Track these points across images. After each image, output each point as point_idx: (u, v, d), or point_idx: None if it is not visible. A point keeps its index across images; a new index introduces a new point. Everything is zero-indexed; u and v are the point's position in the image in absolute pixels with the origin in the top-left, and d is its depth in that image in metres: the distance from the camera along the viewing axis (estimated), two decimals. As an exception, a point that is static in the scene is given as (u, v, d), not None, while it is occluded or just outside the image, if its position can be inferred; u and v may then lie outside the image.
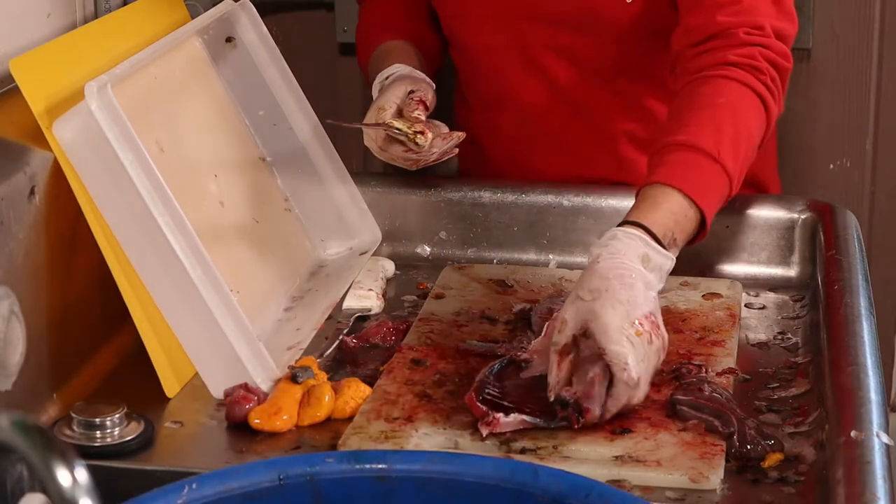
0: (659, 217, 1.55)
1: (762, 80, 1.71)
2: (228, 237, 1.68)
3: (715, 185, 1.62)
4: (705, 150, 1.62)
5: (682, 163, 1.62)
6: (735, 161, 1.64)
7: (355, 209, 1.85)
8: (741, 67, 1.71)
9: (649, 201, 1.57)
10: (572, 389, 1.42)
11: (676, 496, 1.33)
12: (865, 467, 1.28)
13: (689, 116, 1.66)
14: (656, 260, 1.50)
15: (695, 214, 1.59)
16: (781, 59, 1.74)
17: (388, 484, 1.15)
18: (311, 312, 1.69)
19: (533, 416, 1.42)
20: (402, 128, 1.71)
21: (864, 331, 1.54)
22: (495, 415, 1.41)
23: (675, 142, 1.63)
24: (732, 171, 1.63)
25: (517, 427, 1.41)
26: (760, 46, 1.72)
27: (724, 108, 1.67)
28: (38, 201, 1.46)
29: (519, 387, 1.47)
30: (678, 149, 1.63)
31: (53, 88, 1.49)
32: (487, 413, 1.41)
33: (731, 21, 1.73)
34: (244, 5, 1.78)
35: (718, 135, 1.63)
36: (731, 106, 1.68)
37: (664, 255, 1.52)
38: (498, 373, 1.48)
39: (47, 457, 0.96)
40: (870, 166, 2.58)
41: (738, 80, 1.70)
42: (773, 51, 1.73)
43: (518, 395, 1.45)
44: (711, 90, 1.69)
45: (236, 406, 1.46)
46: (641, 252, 1.50)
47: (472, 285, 1.77)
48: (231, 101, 1.79)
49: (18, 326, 1.41)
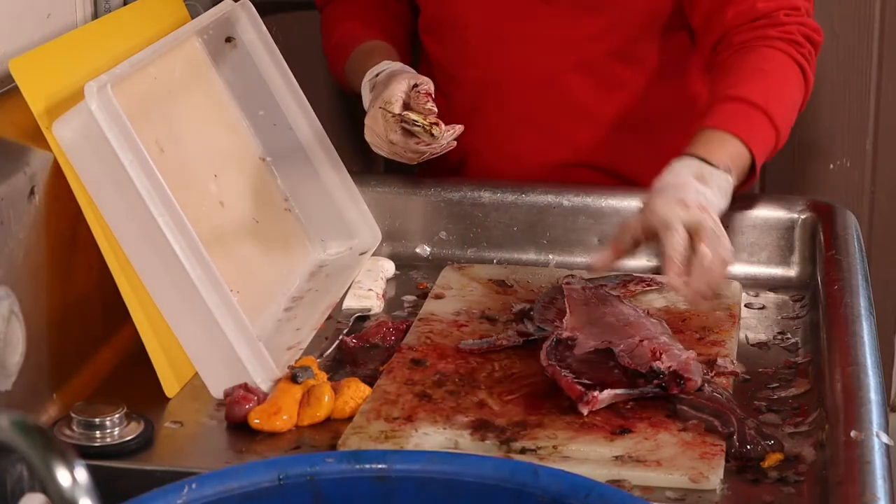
0: (713, 149, 1.67)
1: (802, 53, 1.84)
2: (228, 237, 1.68)
3: (764, 134, 1.75)
4: (756, 102, 1.75)
5: (734, 111, 1.75)
6: (781, 117, 1.77)
7: (355, 209, 1.85)
8: (783, 41, 1.84)
9: (703, 140, 1.70)
10: (665, 364, 1.47)
11: (676, 496, 1.33)
12: (865, 467, 1.28)
13: (738, 76, 1.80)
14: (712, 177, 1.63)
15: (747, 155, 1.71)
16: (815, 35, 1.87)
17: (388, 484, 1.15)
18: (311, 312, 1.69)
19: (623, 387, 1.47)
20: (418, 119, 1.71)
21: (864, 331, 1.54)
22: (592, 393, 1.44)
23: (727, 95, 1.76)
24: (780, 125, 1.77)
25: (612, 401, 1.46)
26: (798, 24, 1.85)
27: (770, 72, 1.81)
28: (38, 201, 1.46)
29: (582, 362, 1.51)
30: (730, 101, 1.76)
31: (53, 88, 1.49)
32: (585, 393, 1.44)
33: (770, 6, 1.86)
34: (244, 5, 1.78)
35: (767, 92, 1.77)
36: (777, 71, 1.82)
37: (720, 174, 1.64)
38: (554, 353, 1.52)
39: (47, 457, 0.96)
40: (870, 166, 2.58)
41: (781, 50, 1.83)
42: (809, 28, 1.86)
43: (589, 371, 1.49)
44: (758, 57, 1.83)
45: (236, 406, 1.46)
46: (696, 171, 1.63)
47: (472, 285, 1.77)
48: (231, 101, 1.79)
49: (18, 326, 1.41)
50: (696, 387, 1.46)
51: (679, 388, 1.45)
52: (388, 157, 1.77)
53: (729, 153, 1.68)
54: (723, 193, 1.64)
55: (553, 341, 1.55)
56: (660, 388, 1.46)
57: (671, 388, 1.46)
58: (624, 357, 1.50)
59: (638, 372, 1.48)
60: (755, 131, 1.74)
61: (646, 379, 1.47)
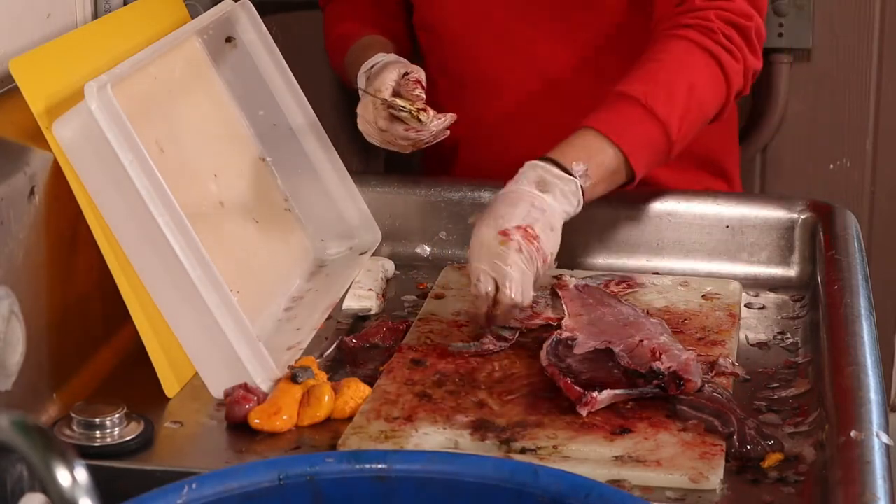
0: (567, 150, 1.65)
1: (714, 39, 1.77)
2: (228, 237, 1.68)
3: (638, 127, 1.69)
4: (631, 94, 1.70)
5: (605, 107, 1.70)
6: (668, 106, 1.70)
7: (355, 209, 1.85)
8: (692, 28, 1.78)
9: (567, 141, 1.68)
10: (665, 364, 1.47)
11: (676, 496, 1.33)
12: (865, 467, 1.28)
13: (629, 71, 1.75)
14: (553, 182, 1.62)
15: (614, 151, 1.67)
16: (740, 18, 1.80)
17: (388, 484, 1.15)
18: (311, 312, 1.69)
19: (622, 388, 1.47)
20: (404, 105, 1.71)
21: (864, 331, 1.54)
22: (591, 394, 1.44)
23: (611, 91, 1.72)
24: (664, 115, 1.70)
25: (611, 402, 1.45)
26: (717, 9, 1.79)
27: (664, 61, 1.75)
28: (38, 201, 1.46)
29: (582, 363, 1.51)
30: (606, 96, 1.72)
31: (53, 88, 1.49)
32: (584, 394, 1.44)
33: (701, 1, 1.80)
34: (244, 5, 1.78)
35: (651, 82, 1.71)
36: (672, 59, 1.76)
37: (563, 177, 1.63)
38: (554, 353, 1.53)
39: (47, 457, 0.96)
40: (870, 166, 2.58)
41: (686, 37, 1.77)
42: (732, 11, 1.80)
43: (588, 371, 1.49)
44: (657, 47, 1.78)
45: (236, 406, 1.46)
46: (536, 177, 1.62)
47: (472, 285, 1.77)
48: (231, 101, 1.79)
49: (18, 326, 1.40)
50: (695, 388, 1.46)
51: (678, 389, 1.45)
52: (380, 145, 1.76)
53: (589, 152, 1.66)
54: (567, 197, 1.63)
55: (553, 341, 1.55)
56: (659, 389, 1.46)
57: (671, 389, 1.46)
58: (623, 357, 1.51)
59: (638, 372, 1.48)
60: (627, 126, 1.69)
61: (645, 379, 1.47)
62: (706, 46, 1.76)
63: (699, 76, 1.76)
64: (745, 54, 1.80)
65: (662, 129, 1.71)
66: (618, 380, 1.48)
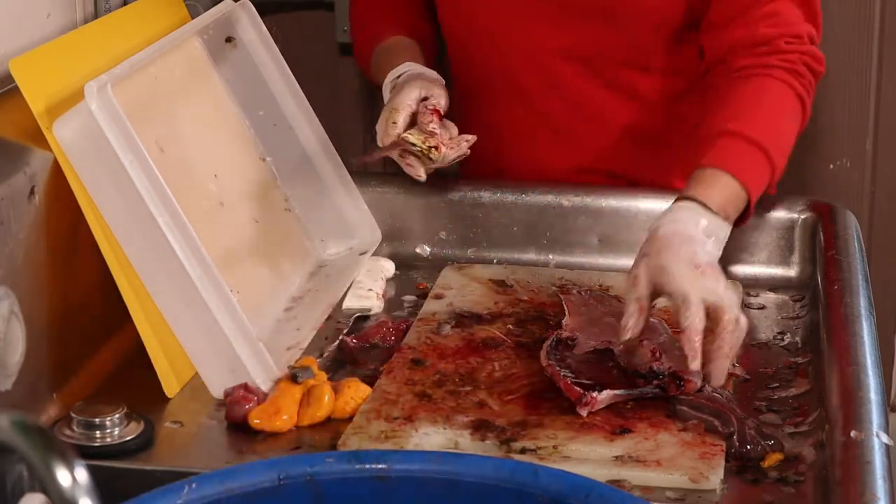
0: (713, 194, 1.65)
1: (802, 84, 1.82)
2: (228, 237, 1.68)
3: (761, 172, 1.73)
4: (754, 139, 1.72)
5: (734, 149, 1.72)
6: (778, 153, 1.75)
7: (355, 209, 1.85)
8: (784, 70, 1.81)
9: (704, 182, 1.67)
10: (665, 365, 1.48)
11: (676, 496, 1.33)
12: (865, 467, 1.28)
13: (737, 108, 1.78)
14: (713, 227, 1.61)
15: (744, 196, 1.69)
16: (817, 65, 1.86)
17: (388, 484, 1.15)
18: (311, 312, 1.69)
19: (622, 388, 1.47)
20: (416, 143, 1.71)
21: (864, 331, 1.54)
22: (591, 395, 1.44)
23: (726, 129, 1.73)
24: (776, 161, 1.74)
25: (611, 402, 1.46)
26: (800, 53, 1.83)
27: (769, 105, 1.79)
28: (38, 201, 1.46)
29: (581, 363, 1.52)
30: (730, 136, 1.73)
31: (53, 88, 1.49)
32: (584, 394, 1.45)
33: (773, 32, 1.83)
34: (244, 5, 1.78)
35: (766, 128, 1.75)
36: (776, 104, 1.80)
37: (721, 224, 1.63)
38: (555, 353, 1.53)
39: (47, 457, 0.96)
40: (870, 166, 2.58)
41: (781, 80, 1.81)
42: (811, 56, 1.85)
43: (588, 372, 1.50)
44: (757, 87, 1.80)
45: (236, 406, 1.46)
46: (699, 220, 1.60)
47: (472, 285, 1.77)
48: (231, 101, 1.79)
49: (18, 326, 1.41)
50: (695, 388, 1.46)
51: (678, 390, 1.46)
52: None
53: (727, 196, 1.66)
54: (720, 244, 1.63)
55: (553, 341, 1.55)
56: (659, 389, 1.46)
57: (670, 390, 1.46)
58: (623, 357, 1.51)
59: (638, 372, 1.48)
60: (753, 170, 1.71)
61: (645, 379, 1.47)
62: (796, 90, 1.81)
63: (792, 120, 1.81)
64: (812, 97, 1.86)
65: (773, 174, 1.75)
66: (617, 380, 1.48)
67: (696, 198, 1.63)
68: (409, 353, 1.58)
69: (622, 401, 1.46)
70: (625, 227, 1.86)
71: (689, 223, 1.59)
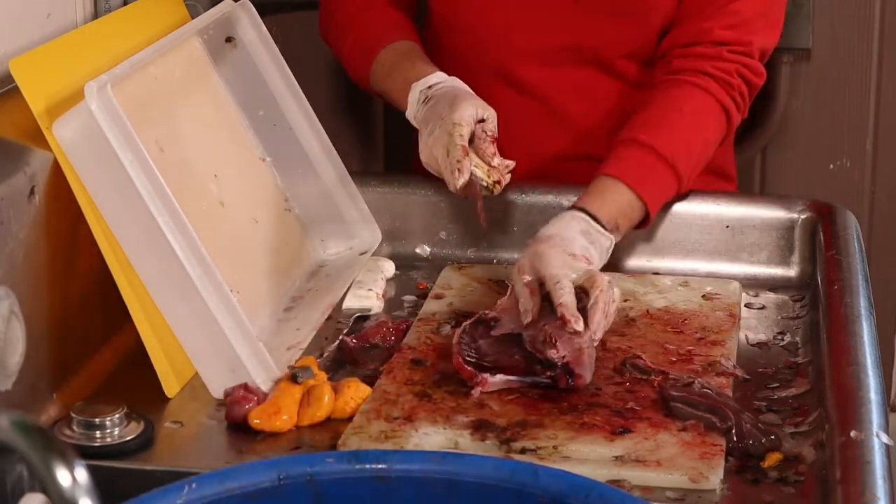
0: (604, 206, 1.70)
1: (731, 95, 1.85)
2: (228, 237, 1.68)
3: (663, 184, 1.77)
4: (661, 152, 1.76)
5: (636, 160, 1.76)
6: (687, 163, 1.78)
7: (355, 209, 1.85)
8: (715, 79, 1.84)
9: (598, 191, 1.73)
10: (560, 353, 1.48)
11: (676, 496, 1.33)
12: (865, 467, 1.28)
13: (653, 116, 1.81)
14: (596, 237, 1.66)
15: (640, 206, 1.74)
16: (754, 76, 1.87)
17: (388, 484, 1.15)
18: (311, 312, 1.69)
19: (517, 375, 1.49)
20: (483, 178, 1.71)
21: (864, 331, 1.54)
22: (483, 375, 1.47)
23: (634, 138, 1.77)
24: (683, 172, 1.78)
25: (503, 386, 1.49)
26: (738, 64, 1.85)
27: (688, 115, 1.82)
28: (38, 201, 1.46)
29: (492, 345, 1.53)
30: (635, 146, 1.77)
31: (53, 88, 1.49)
32: (475, 374, 1.48)
33: (723, 35, 1.85)
34: (244, 5, 1.78)
35: (675, 139, 1.78)
36: (695, 113, 1.82)
37: (604, 234, 1.68)
38: (469, 332, 1.54)
39: (47, 457, 0.96)
40: (870, 166, 2.58)
41: (708, 90, 1.83)
42: (750, 68, 1.87)
43: (494, 354, 1.52)
44: (681, 95, 1.83)
45: (236, 406, 1.46)
46: (582, 227, 1.66)
47: (472, 285, 1.77)
48: (231, 101, 1.79)
49: (18, 326, 1.41)
50: (585, 384, 1.48)
51: (567, 384, 1.47)
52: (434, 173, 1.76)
53: (620, 207, 1.71)
54: (603, 253, 1.67)
55: (474, 321, 1.57)
56: (550, 380, 1.48)
57: (561, 382, 1.48)
58: (529, 343, 1.51)
59: (538, 358, 1.50)
60: (654, 182, 1.75)
61: (542, 366, 1.49)
62: (723, 102, 1.83)
63: (712, 132, 1.84)
64: (745, 108, 1.89)
65: (679, 184, 1.79)
66: (520, 365, 1.50)
67: (585, 208, 1.69)
68: (409, 353, 1.58)
69: (515, 386, 1.49)
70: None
71: (571, 228, 1.65)
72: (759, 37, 1.87)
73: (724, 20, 1.85)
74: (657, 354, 1.57)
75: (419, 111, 1.79)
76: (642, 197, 1.73)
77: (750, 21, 1.86)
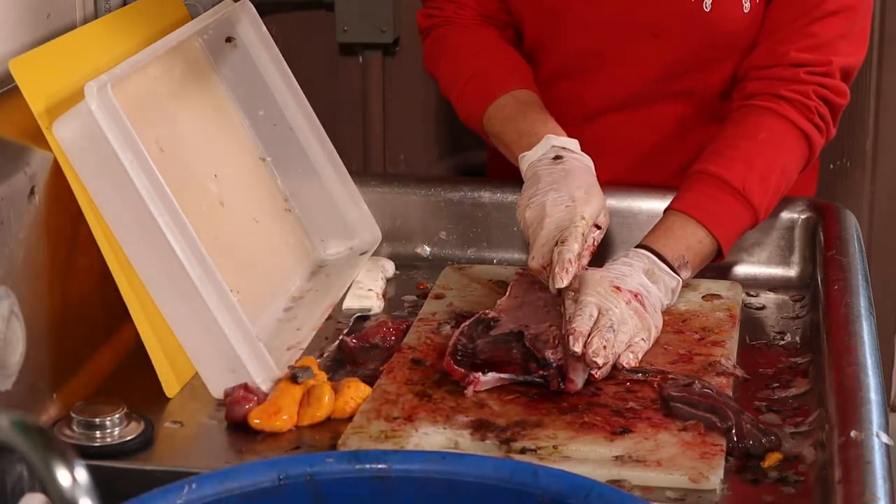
0: (670, 243, 1.67)
1: (808, 118, 1.79)
2: (228, 237, 1.68)
3: (735, 217, 1.72)
4: (731, 183, 1.71)
5: (706, 194, 1.72)
6: (762, 194, 1.73)
7: (355, 209, 1.85)
8: (790, 103, 1.78)
9: (664, 228, 1.70)
10: (558, 355, 1.49)
11: (676, 496, 1.33)
12: (865, 467, 1.28)
13: (726, 146, 1.76)
14: (660, 276, 1.64)
15: (710, 241, 1.70)
16: (835, 97, 1.80)
17: (388, 484, 1.15)
18: (311, 312, 1.69)
19: (509, 373, 1.49)
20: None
21: (864, 331, 1.54)
22: (474, 374, 1.47)
23: (705, 170, 1.73)
24: (758, 203, 1.73)
25: (495, 384, 1.48)
26: (816, 85, 1.79)
27: (763, 143, 1.76)
28: (38, 201, 1.46)
29: (489, 344, 1.53)
30: (706, 178, 1.73)
31: (53, 88, 1.49)
32: (466, 374, 1.48)
33: (800, 58, 1.79)
34: (244, 5, 1.78)
35: (749, 170, 1.73)
36: (770, 141, 1.76)
37: (669, 273, 1.65)
38: (468, 333, 1.55)
39: (47, 457, 0.96)
40: (870, 166, 2.58)
41: (784, 115, 1.77)
42: (829, 88, 1.80)
43: (490, 352, 1.52)
44: (755, 122, 1.78)
45: (236, 406, 1.46)
46: (646, 266, 1.63)
47: (472, 285, 1.77)
48: (231, 101, 1.79)
49: (18, 326, 1.41)
50: (575, 389, 1.48)
51: (559, 385, 1.47)
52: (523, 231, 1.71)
53: (688, 244, 1.68)
54: (668, 292, 1.65)
55: (474, 321, 1.57)
56: (542, 379, 1.48)
57: (552, 384, 1.48)
58: (531, 341, 1.52)
59: (536, 357, 1.50)
60: (724, 215, 1.71)
61: (538, 365, 1.49)
62: (801, 126, 1.78)
63: (791, 158, 1.78)
64: (830, 129, 1.82)
65: (755, 217, 1.74)
66: (517, 363, 1.50)
67: (651, 247, 1.66)
68: (409, 353, 1.58)
69: (508, 384, 1.49)
70: (625, 226, 1.86)
71: (634, 266, 1.62)
72: (841, 57, 1.81)
73: (802, 42, 1.79)
74: (657, 354, 1.58)
75: (542, 163, 1.72)
76: (712, 231, 1.69)
77: (830, 43, 1.80)
